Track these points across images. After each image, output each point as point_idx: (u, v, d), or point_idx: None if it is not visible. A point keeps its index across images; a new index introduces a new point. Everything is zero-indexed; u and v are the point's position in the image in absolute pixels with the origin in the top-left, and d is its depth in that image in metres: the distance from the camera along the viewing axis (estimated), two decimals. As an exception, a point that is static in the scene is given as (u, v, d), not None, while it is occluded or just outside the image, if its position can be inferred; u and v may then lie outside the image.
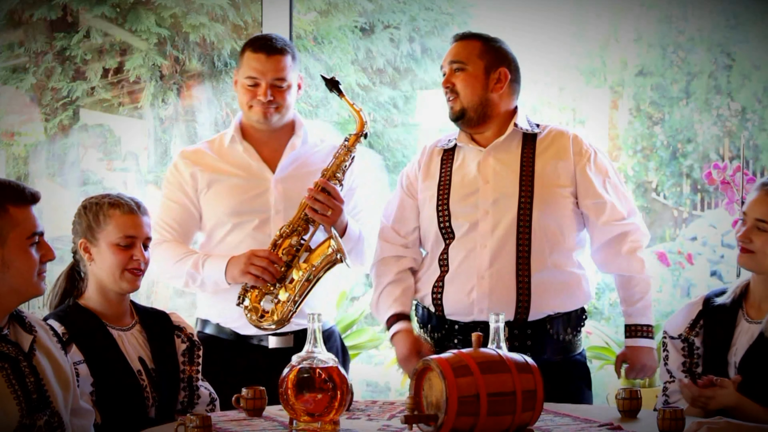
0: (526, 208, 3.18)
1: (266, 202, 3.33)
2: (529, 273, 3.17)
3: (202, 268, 3.26)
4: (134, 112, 5.35)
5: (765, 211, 2.84)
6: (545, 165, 3.22)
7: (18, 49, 5.33)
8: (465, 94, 3.24)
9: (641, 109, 5.85)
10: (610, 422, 2.66)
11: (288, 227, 3.25)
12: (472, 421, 2.41)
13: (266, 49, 3.30)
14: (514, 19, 5.76)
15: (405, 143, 6.01)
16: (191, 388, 2.99)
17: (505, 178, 3.23)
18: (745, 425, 2.50)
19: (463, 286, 3.20)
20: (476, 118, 3.25)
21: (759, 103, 5.65)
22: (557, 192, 3.21)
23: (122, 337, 2.89)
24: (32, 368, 2.46)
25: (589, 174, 3.23)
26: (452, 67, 3.26)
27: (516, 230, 3.18)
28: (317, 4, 5.69)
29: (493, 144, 3.26)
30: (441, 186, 3.29)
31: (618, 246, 3.25)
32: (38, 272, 2.50)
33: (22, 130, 5.37)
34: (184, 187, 3.36)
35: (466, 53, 3.26)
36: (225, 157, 3.38)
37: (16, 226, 2.45)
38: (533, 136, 3.27)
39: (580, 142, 3.27)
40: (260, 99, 3.29)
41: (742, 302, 2.91)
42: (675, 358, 2.98)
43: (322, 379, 2.56)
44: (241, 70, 3.34)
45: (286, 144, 3.39)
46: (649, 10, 5.82)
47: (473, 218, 3.22)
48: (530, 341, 3.17)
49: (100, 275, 2.89)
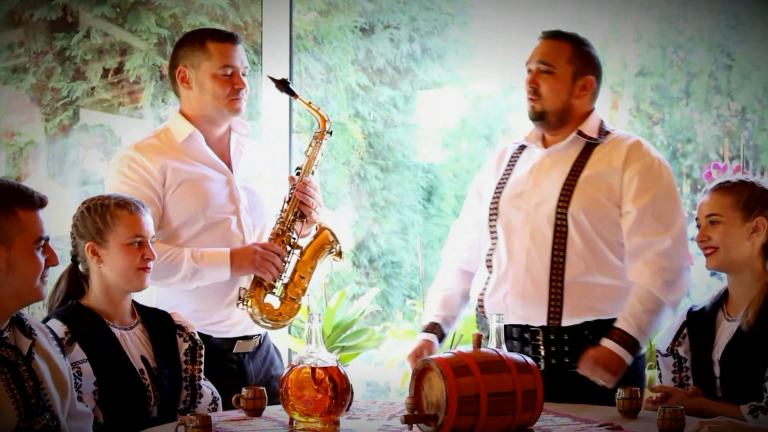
0: (563, 213, 3.14)
1: (235, 200, 3.33)
2: (562, 279, 3.12)
3: (201, 260, 3.20)
4: (134, 112, 5.35)
5: (712, 207, 2.93)
6: (593, 172, 3.16)
7: (18, 49, 5.33)
8: (548, 98, 3.21)
9: (641, 109, 5.85)
10: (610, 422, 2.66)
11: (281, 224, 3.26)
12: (472, 421, 2.41)
13: (232, 39, 3.27)
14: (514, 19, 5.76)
15: (405, 143, 6.01)
16: (193, 388, 2.99)
17: (553, 182, 3.19)
18: (746, 425, 2.52)
19: (501, 288, 3.20)
20: (555, 122, 3.22)
21: (759, 103, 5.65)
22: (598, 198, 3.14)
23: (124, 336, 2.89)
24: (31, 372, 2.46)
25: (633, 183, 3.13)
26: (539, 67, 3.21)
27: (552, 235, 3.14)
28: (317, 4, 5.69)
29: (552, 147, 3.24)
30: (499, 184, 3.29)
31: (640, 255, 3.11)
32: (41, 277, 2.50)
33: (22, 130, 5.36)
34: (150, 182, 3.21)
35: (556, 55, 3.21)
36: (186, 152, 3.28)
37: (23, 229, 2.45)
38: (595, 145, 3.21)
39: (637, 150, 3.17)
40: (239, 88, 3.26)
41: (723, 304, 2.95)
42: (666, 375, 3.00)
43: (322, 379, 2.56)
44: (207, 63, 3.24)
45: (228, 138, 3.38)
46: (649, 10, 5.82)
47: (515, 219, 3.20)
48: (567, 347, 3.13)
49: (109, 276, 2.89)
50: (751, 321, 2.80)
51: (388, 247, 6.19)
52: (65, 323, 2.80)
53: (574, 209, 3.13)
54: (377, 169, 5.87)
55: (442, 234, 6.49)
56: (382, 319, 6.03)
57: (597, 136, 3.21)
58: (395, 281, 6.30)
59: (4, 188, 2.46)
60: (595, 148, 3.21)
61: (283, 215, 3.29)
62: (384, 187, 5.91)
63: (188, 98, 3.31)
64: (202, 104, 3.29)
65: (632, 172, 3.14)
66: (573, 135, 3.21)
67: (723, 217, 2.91)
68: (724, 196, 2.93)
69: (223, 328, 3.27)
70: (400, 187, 6.23)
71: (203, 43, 3.25)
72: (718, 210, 2.92)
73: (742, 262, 2.90)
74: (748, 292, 2.88)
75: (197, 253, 3.19)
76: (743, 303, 2.89)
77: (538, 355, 3.14)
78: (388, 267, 6.28)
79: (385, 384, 5.36)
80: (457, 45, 6.11)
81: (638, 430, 2.62)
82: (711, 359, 2.90)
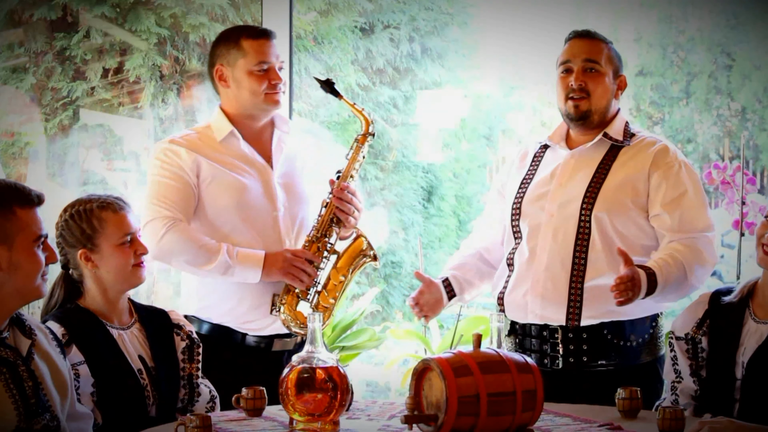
0: (587, 215, 3.14)
1: (273, 197, 3.33)
2: (583, 280, 3.12)
3: (235, 258, 3.19)
4: (134, 112, 5.35)
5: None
6: (618, 174, 3.16)
7: (18, 49, 5.33)
8: (597, 97, 3.18)
9: (641, 109, 5.85)
10: (610, 422, 2.66)
11: (317, 230, 3.27)
12: (472, 421, 2.41)
13: (266, 35, 3.30)
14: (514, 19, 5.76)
15: (405, 143, 6.02)
16: (191, 386, 2.99)
17: (577, 183, 3.18)
18: (747, 425, 2.50)
19: (521, 287, 3.20)
20: (597, 122, 3.21)
21: (759, 103, 5.65)
22: (623, 201, 3.14)
23: (122, 336, 2.89)
24: (30, 373, 2.46)
25: (662, 186, 3.13)
26: (585, 65, 3.18)
27: (575, 236, 3.14)
28: (317, 4, 5.69)
29: (578, 149, 3.23)
30: (522, 184, 3.29)
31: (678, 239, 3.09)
32: (42, 274, 2.50)
33: (22, 130, 5.37)
34: (185, 169, 3.24)
35: (598, 54, 3.20)
36: (224, 151, 3.31)
37: (23, 228, 2.45)
38: (620, 147, 3.20)
39: (665, 154, 3.17)
40: (275, 83, 3.27)
41: (749, 301, 2.90)
42: (682, 360, 2.97)
43: (322, 379, 2.56)
44: (243, 60, 3.27)
45: (271, 136, 3.38)
46: (649, 10, 5.82)
47: (538, 220, 3.20)
48: (586, 345, 3.14)
49: (106, 278, 2.88)
50: None
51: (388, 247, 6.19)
52: (62, 325, 2.80)
53: (598, 211, 3.13)
54: (377, 169, 5.87)
55: (442, 234, 6.49)
56: (382, 319, 6.04)
57: (623, 139, 3.22)
58: (395, 281, 6.30)
59: (2, 188, 2.46)
60: (621, 151, 3.20)
61: (319, 220, 3.28)
62: (384, 187, 5.92)
63: (227, 96, 3.34)
64: (241, 101, 3.31)
65: (659, 177, 3.14)
66: (599, 137, 3.20)
67: None
68: None
69: (257, 326, 3.27)
70: (400, 187, 6.24)
71: (238, 41, 3.28)
72: None
73: None
74: None
75: (233, 251, 3.20)
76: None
77: (557, 354, 3.15)
78: (388, 267, 6.29)
79: (385, 384, 5.37)
80: (457, 45, 6.11)
81: (638, 430, 2.62)
82: (734, 359, 2.86)
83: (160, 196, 3.22)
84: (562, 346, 3.14)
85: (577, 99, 3.18)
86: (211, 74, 3.35)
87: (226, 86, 3.32)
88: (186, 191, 3.24)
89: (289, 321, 3.24)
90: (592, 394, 3.05)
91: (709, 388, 2.91)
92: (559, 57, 3.26)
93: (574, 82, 3.17)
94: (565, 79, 3.20)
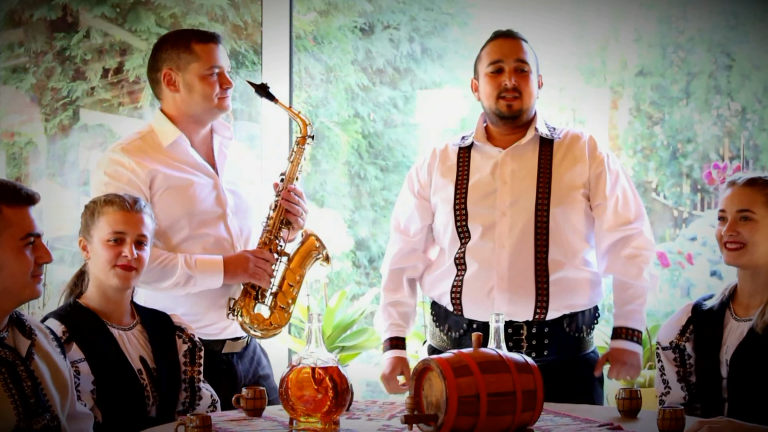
0: (543, 209, 3.21)
1: (222, 203, 3.31)
2: (547, 273, 3.20)
3: (195, 267, 3.17)
4: (134, 112, 5.35)
5: (744, 201, 2.86)
6: (562, 168, 3.26)
7: (18, 49, 5.33)
8: (527, 96, 3.26)
9: (641, 109, 5.85)
10: (610, 422, 2.66)
11: (269, 232, 3.26)
12: (472, 421, 2.41)
13: (215, 39, 3.26)
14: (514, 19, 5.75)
15: (405, 143, 6.01)
16: (193, 389, 2.99)
17: (522, 180, 3.25)
18: (746, 425, 2.50)
19: (483, 286, 3.23)
20: (523, 120, 3.29)
21: (759, 103, 5.64)
22: (573, 194, 3.25)
23: (123, 336, 2.89)
24: (30, 373, 2.45)
25: (601, 177, 3.26)
26: (517, 65, 3.26)
27: (534, 231, 3.21)
28: (317, 4, 5.69)
29: (514, 146, 3.29)
30: (458, 186, 3.31)
31: (619, 249, 3.27)
32: (33, 274, 2.48)
33: (22, 130, 5.36)
34: (138, 184, 3.16)
35: (525, 54, 3.28)
36: (172, 156, 3.25)
37: (9, 226, 2.43)
38: (550, 141, 3.30)
39: (595, 145, 3.31)
40: (227, 86, 3.25)
41: (730, 303, 2.93)
42: (669, 369, 2.99)
43: (322, 379, 2.56)
44: (196, 64, 3.21)
45: (211, 140, 3.35)
46: (649, 10, 5.81)
47: (490, 219, 3.25)
48: (547, 339, 3.22)
49: (95, 272, 2.90)
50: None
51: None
52: (63, 323, 2.80)
53: (554, 206, 3.22)
54: (377, 169, 5.86)
55: (442, 234, 6.47)
56: (382, 319, 6.02)
57: (550, 133, 3.31)
58: (395, 281, 6.27)
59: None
60: (554, 145, 3.29)
61: (269, 223, 3.28)
62: (384, 187, 5.91)
63: (173, 100, 3.27)
64: (190, 105, 3.26)
65: (598, 167, 3.27)
66: (532, 133, 3.28)
67: (756, 214, 2.85)
68: (759, 192, 2.86)
69: (214, 331, 3.26)
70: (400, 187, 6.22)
71: (188, 45, 3.22)
72: (751, 206, 2.85)
73: (764, 263, 2.86)
74: (760, 292, 2.85)
75: (191, 260, 3.18)
76: (753, 302, 2.86)
77: (520, 350, 3.19)
78: (388, 267, 6.26)
79: (385, 384, 5.36)
80: (457, 45, 6.10)
81: (638, 430, 2.62)
82: (717, 359, 2.88)
83: None
84: (526, 342, 3.19)
85: (510, 99, 3.24)
86: (155, 78, 3.28)
87: (174, 90, 3.25)
88: None
89: (248, 324, 3.23)
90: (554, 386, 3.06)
91: (698, 392, 2.92)
92: (483, 55, 3.31)
93: (508, 82, 3.23)
94: (496, 78, 3.25)
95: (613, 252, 3.28)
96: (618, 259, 3.27)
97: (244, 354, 3.35)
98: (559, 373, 3.16)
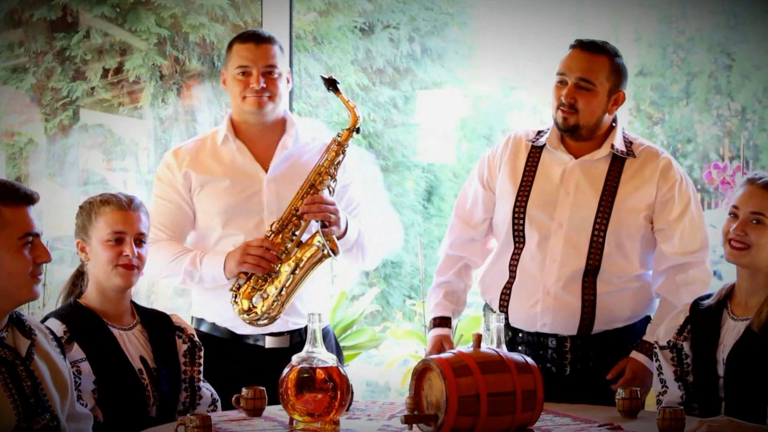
0: (602, 229, 3.15)
1: (259, 203, 3.31)
2: (594, 293, 3.15)
3: (200, 264, 3.21)
4: (134, 112, 5.35)
5: (758, 204, 2.83)
6: (628, 189, 3.17)
7: (18, 49, 5.33)
8: (585, 114, 3.15)
9: (641, 109, 5.85)
10: (610, 422, 2.66)
11: (278, 223, 3.23)
12: (472, 421, 2.41)
13: (254, 39, 3.28)
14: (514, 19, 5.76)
15: (405, 143, 6.02)
16: (193, 389, 2.99)
17: (586, 194, 3.18)
18: (746, 425, 2.50)
19: (528, 297, 3.18)
20: (586, 135, 3.20)
21: (759, 103, 5.65)
22: (635, 217, 3.17)
23: (123, 336, 2.89)
24: (29, 372, 2.45)
25: (669, 202, 3.18)
26: (579, 82, 3.14)
27: (588, 250, 3.15)
28: (317, 4, 5.69)
29: (584, 159, 3.20)
30: (523, 185, 3.24)
31: (678, 273, 3.19)
32: (32, 274, 2.47)
33: (22, 130, 5.37)
34: (177, 187, 3.30)
35: (595, 72, 3.14)
36: (217, 156, 3.33)
37: (7, 226, 2.42)
38: (623, 158, 3.20)
39: (669, 168, 3.20)
40: (253, 87, 3.25)
41: (727, 302, 2.92)
42: (666, 368, 2.99)
43: (322, 379, 2.56)
44: (230, 64, 3.30)
45: (278, 142, 3.35)
46: (649, 10, 5.81)
47: (547, 229, 3.18)
48: (593, 352, 3.18)
49: (96, 273, 2.90)
50: (765, 319, 2.77)
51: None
52: (64, 322, 2.80)
53: (612, 226, 3.15)
54: (377, 169, 5.87)
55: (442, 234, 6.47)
56: (382, 319, 6.04)
57: (626, 150, 3.22)
58: (395, 281, 6.30)
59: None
60: (626, 162, 3.21)
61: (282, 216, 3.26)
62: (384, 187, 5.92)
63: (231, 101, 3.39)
64: (233, 105, 3.35)
65: (666, 191, 3.17)
66: (608, 150, 3.19)
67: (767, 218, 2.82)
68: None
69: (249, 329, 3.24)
70: (400, 187, 6.23)
71: (231, 45, 3.31)
72: (764, 210, 2.81)
73: (766, 264, 2.85)
74: (758, 291, 2.85)
75: (198, 257, 3.22)
76: (750, 302, 2.86)
77: (565, 361, 3.17)
78: (388, 267, 6.29)
79: (385, 384, 5.37)
80: (457, 45, 6.11)
81: (638, 430, 2.62)
82: (714, 358, 2.88)
83: (156, 217, 3.25)
84: (571, 354, 3.16)
85: (567, 113, 3.16)
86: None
87: (226, 90, 3.36)
88: (177, 210, 3.31)
89: (239, 310, 3.20)
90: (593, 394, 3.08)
91: (695, 391, 2.92)
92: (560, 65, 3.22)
93: (565, 98, 3.15)
94: (559, 89, 3.18)
95: (671, 275, 3.20)
96: (673, 282, 3.19)
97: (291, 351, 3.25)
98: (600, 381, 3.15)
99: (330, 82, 3.30)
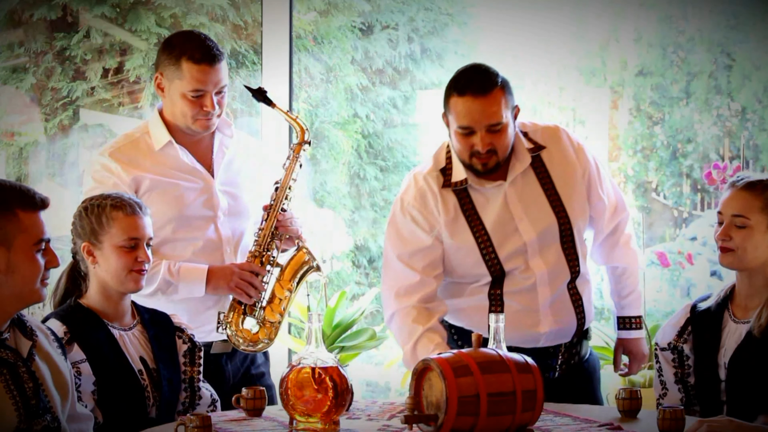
0: (567, 230, 3.15)
1: (213, 206, 3.30)
2: (580, 295, 3.20)
3: (177, 275, 3.19)
4: (134, 112, 5.35)
5: (740, 206, 2.84)
6: (561, 177, 3.16)
7: (18, 49, 5.33)
8: (502, 150, 3.05)
9: (641, 109, 5.84)
10: (610, 422, 2.66)
11: (259, 244, 3.24)
12: (472, 421, 2.41)
13: (209, 60, 3.16)
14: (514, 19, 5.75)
15: (405, 143, 6.00)
16: (192, 389, 2.99)
17: (536, 208, 3.14)
18: (746, 425, 2.50)
19: (527, 321, 3.15)
20: (503, 163, 3.10)
21: (759, 103, 5.64)
22: (582, 201, 3.18)
23: (123, 336, 2.89)
24: (31, 374, 2.45)
25: (591, 173, 3.20)
26: (488, 129, 3.00)
27: (564, 256, 3.16)
28: (317, 4, 5.68)
29: (512, 177, 3.12)
30: (477, 233, 3.13)
31: (615, 238, 3.27)
32: (41, 279, 2.49)
33: (22, 130, 5.36)
34: (123, 190, 3.15)
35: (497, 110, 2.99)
36: (160, 159, 3.25)
37: (23, 231, 2.44)
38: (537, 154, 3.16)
39: (570, 138, 3.20)
40: (207, 110, 3.19)
41: (728, 304, 2.92)
42: (666, 370, 2.99)
43: (322, 379, 2.56)
44: (178, 82, 3.18)
45: (212, 141, 3.32)
46: (649, 10, 5.81)
47: (523, 257, 3.14)
48: (575, 349, 3.25)
49: (104, 277, 2.89)
50: (764, 324, 2.77)
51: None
52: (64, 323, 2.80)
53: (573, 219, 3.16)
54: (377, 169, 5.86)
55: (441, 234, 6.47)
56: (382, 319, 6.02)
57: (536, 147, 3.15)
58: (395, 281, 6.27)
59: (5, 189, 2.45)
60: (543, 156, 3.16)
61: (260, 234, 3.26)
62: (384, 187, 5.91)
63: (165, 103, 3.29)
64: (174, 115, 3.26)
65: (584, 164, 3.20)
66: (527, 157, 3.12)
67: (750, 220, 2.83)
68: (756, 197, 2.84)
69: (201, 334, 3.23)
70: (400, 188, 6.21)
71: (179, 61, 3.18)
72: (746, 212, 2.83)
73: (758, 265, 2.86)
74: (757, 293, 2.85)
75: (174, 268, 3.19)
76: (750, 304, 2.86)
77: (555, 365, 3.21)
78: (388, 267, 6.26)
79: (385, 384, 5.36)
80: (457, 45, 6.10)
81: (638, 430, 2.62)
82: (716, 361, 2.87)
83: None
84: (563, 358, 3.19)
85: (485, 158, 3.03)
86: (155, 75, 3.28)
87: (162, 96, 3.27)
88: None
89: (236, 338, 3.23)
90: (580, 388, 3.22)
91: (696, 394, 2.92)
92: (451, 107, 3.04)
93: (481, 147, 3.01)
94: (467, 139, 3.02)
95: (610, 241, 3.28)
96: (616, 247, 3.27)
97: (235, 354, 3.35)
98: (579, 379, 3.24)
99: (258, 93, 3.22)
